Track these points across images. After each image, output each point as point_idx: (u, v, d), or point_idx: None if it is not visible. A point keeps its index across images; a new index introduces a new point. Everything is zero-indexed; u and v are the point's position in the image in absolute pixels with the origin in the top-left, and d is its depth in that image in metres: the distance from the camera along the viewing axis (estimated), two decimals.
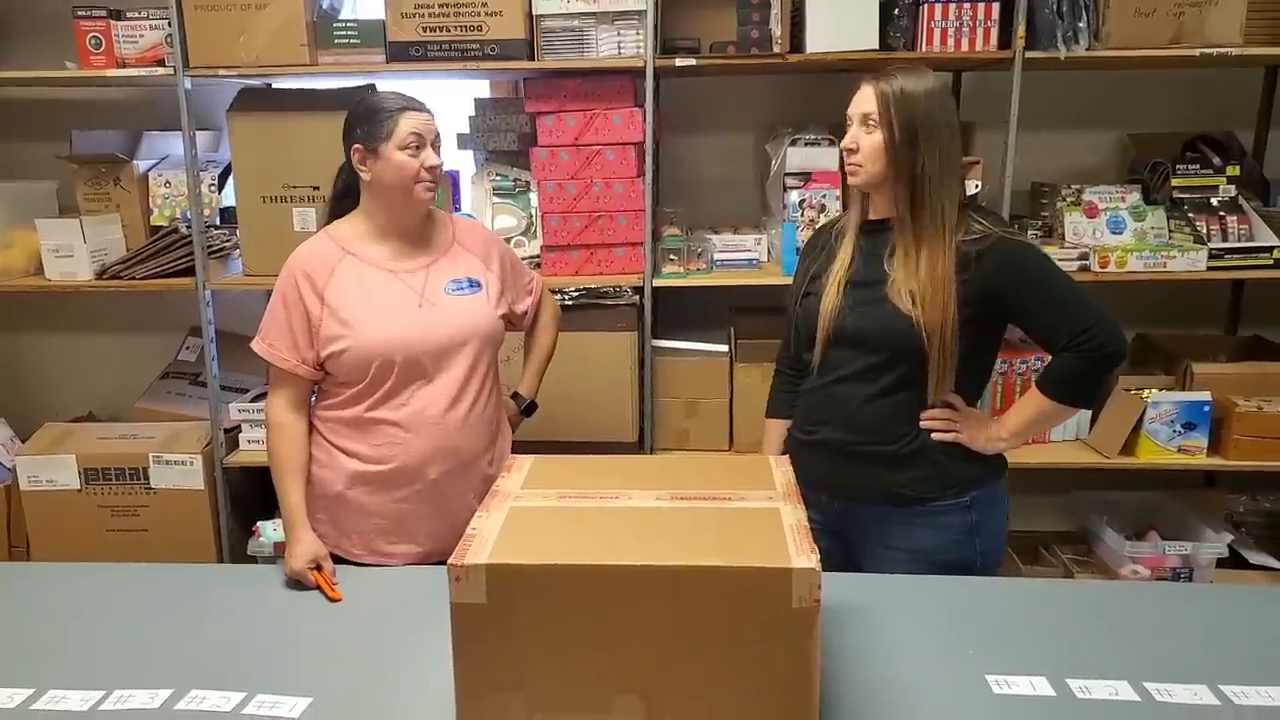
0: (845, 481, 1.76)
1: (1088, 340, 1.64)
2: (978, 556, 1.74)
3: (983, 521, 1.74)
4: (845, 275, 1.73)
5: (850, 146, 1.69)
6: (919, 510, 1.72)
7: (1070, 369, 1.68)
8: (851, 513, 1.78)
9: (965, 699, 1.30)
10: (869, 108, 1.66)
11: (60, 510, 2.66)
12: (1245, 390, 2.59)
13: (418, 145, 1.73)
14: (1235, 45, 2.42)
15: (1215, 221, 2.61)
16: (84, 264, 2.62)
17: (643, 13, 2.42)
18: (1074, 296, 1.67)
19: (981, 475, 1.74)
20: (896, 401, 1.71)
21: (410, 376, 1.76)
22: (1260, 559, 2.69)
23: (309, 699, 1.31)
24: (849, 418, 1.73)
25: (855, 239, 1.76)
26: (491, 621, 1.11)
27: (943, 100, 1.67)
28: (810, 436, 1.80)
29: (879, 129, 1.65)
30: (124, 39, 2.56)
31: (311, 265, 1.77)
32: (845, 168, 1.73)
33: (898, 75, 1.66)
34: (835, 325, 1.71)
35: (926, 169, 1.64)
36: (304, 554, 1.70)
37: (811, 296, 1.77)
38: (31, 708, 1.30)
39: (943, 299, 1.62)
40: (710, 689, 1.12)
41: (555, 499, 1.30)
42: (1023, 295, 1.67)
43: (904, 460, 1.71)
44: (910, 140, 1.63)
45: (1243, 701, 1.29)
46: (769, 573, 1.08)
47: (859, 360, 1.71)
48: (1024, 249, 1.70)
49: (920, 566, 1.70)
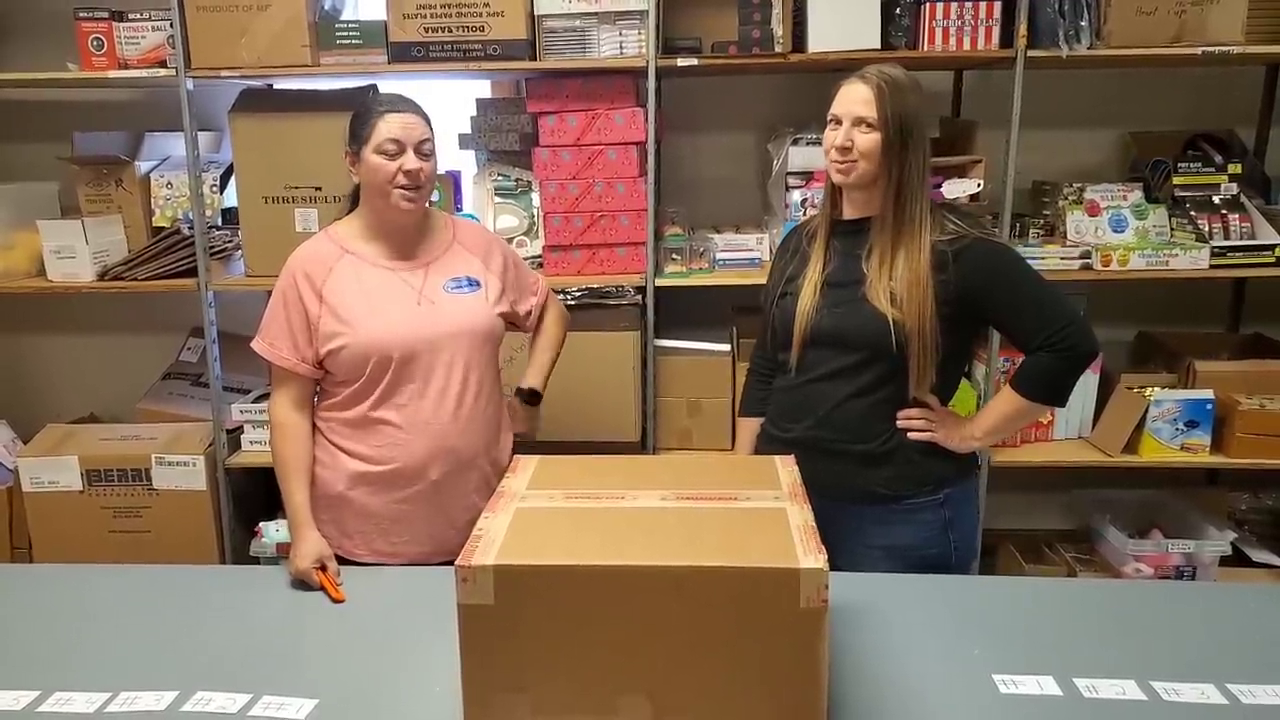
0: (821, 480, 1.74)
1: (1062, 340, 1.66)
2: (953, 553, 1.77)
3: (956, 518, 1.77)
4: (821, 276, 1.74)
5: (844, 145, 1.68)
6: (894, 508, 1.74)
7: (1045, 368, 1.70)
8: (827, 511, 1.76)
9: (972, 698, 1.30)
10: (865, 110, 1.66)
11: (63, 511, 2.66)
12: (1247, 388, 2.59)
13: (395, 150, 1.71)
14: (1237, 44, 2.42)
15: (1217, 220, 2.61)
16: (86, 265, 2.62)
17: (644, 13, 2.42)
18: (1049, 297, 1.69)
19: (955, 473, 1.77)
20: (873, 401, 1.72)
21: (408, 374, 1.76)
22: (1263, 557, 2.70)
23: (314, 700, 1.31)
24: (825, 416, 1.75)
25: (827, 239, 1.77)
26: (499, 622, 1.11)
27: (922, 99, 1.69)
28: (785, 434, 1.81)
29: (876, 129, 1.65)
30: (126, 40, 2.56)
31: (310, 264, 1.78)
32: (832, 165, 1.72)
33: (890, 75, 1.67)
34: (813, 325, 1.72)
35: (912, 168, 1.66)
36: (309, 554, 1.70)
37: (788, 297, 1.78)
38: (38, 710, 1.30)
39: (920, 298, 1.64)
40: (717, 689, 1.12)
41: (561, 499, 1.30)
42: (999, 295, 1.69)
43: (879, 458, 1.73)
44: (903, 141, 1.65)
45: (1250, 701, 1.29)
46: (777, 573, 1.08)
47: (836, 360, 1.73)
48: (1000, 250, 1.72)
49: (897, 564, 1.72)
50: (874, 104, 1.65)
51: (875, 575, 1.71)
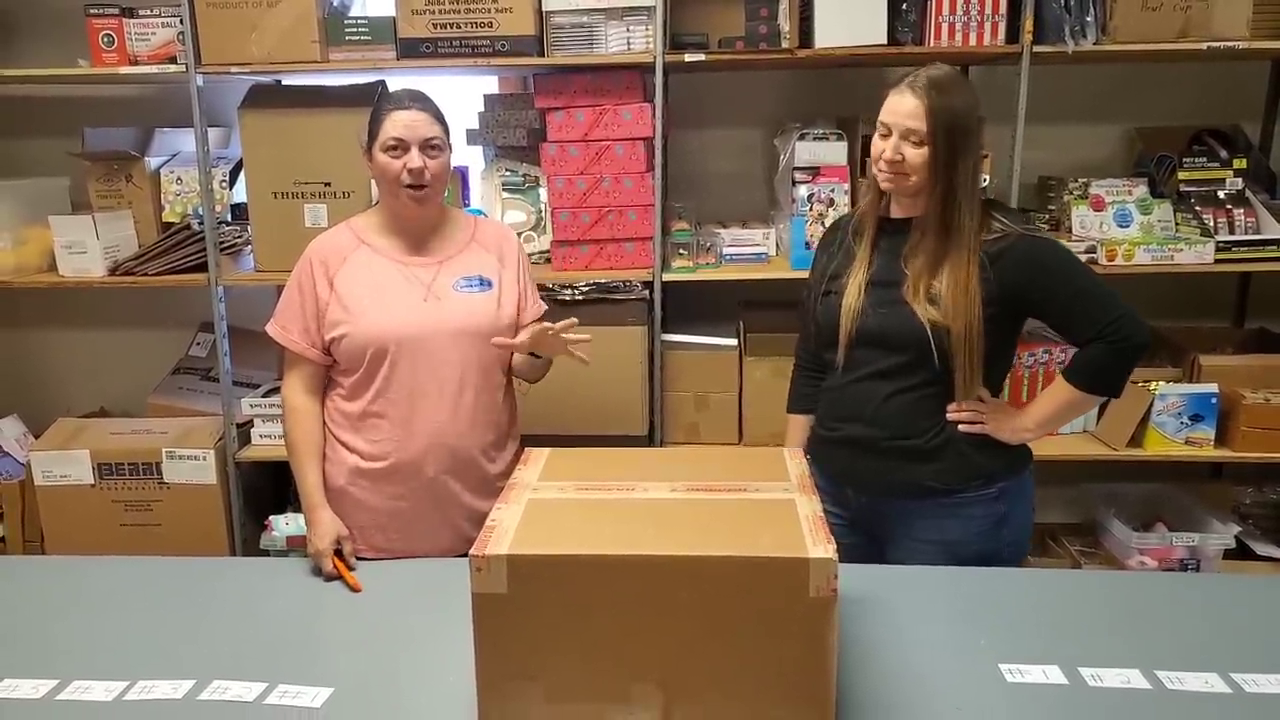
0: (872, 476, 1.77)
1: (1115, 331, 1.65)
2: (1004, 548, 1.75)
3: (1010, 513, 1.75)
4: (866, 275, 1.72)
5: (894, 158, 1.65)
6: (946, 502, 1.73)
7: (1099, 359, 1.69)
8: (878, 507, 1.79)
9: (979, 687, 1.32)
10: (914, 123, 1.62)
11: (74, 505, 2.68)
12: (1252, 382, 2.59)
13: (400, 148, 1.72)
14: (1242, 39, 2.43)
15: (1222, 214, 2.62)
16: (97, 260, 2.64)
17: (651, 9, 2.43)
18: (1099, 290, 1.68)
19: (1007, 466, 1.76)
20: (921, 396, 1.71)
21: (406, 369, 1.77)
22: (1267, 550, 2.70)
23: (330, 689, 1.33)
24: (873, 414, 1.74)
25: (874, 237, 1.75)
26: (512, 611, 1.12)
27: (975, 103, 1.67)
28: (834, 433, 1.80)
29: (926, 143, 1.63)
30: (136, 36, 2.57)
31: (327, 253, 1.81)
32: (880, 174, 1.69)
33: (940, 83, 1.63)
34: (858, 326, 1.71)
35: (962, 175, 1.64)
36: (325, 534, 1.72)
37: (832, 295, 1.77)
38: (57, 698, 1.32)
39: (966, 303, 1.63)
40: (728, 678, 1.13)
41: (572, 491, 1.31)
42: (1047, 292, 1.67)
43: (930, 453, 1.72)
44: (952, 151, 1.63)
45: (1253, 689, 1.30)
46: (786, 562, 1.10)
47: (883, 360, 1.72)
48: (1044, 246, 1.70)
49: (947, 559, 1.72)
50: (923, 118, 1.62)
51: (883, 566, 1.73)
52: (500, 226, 2.02)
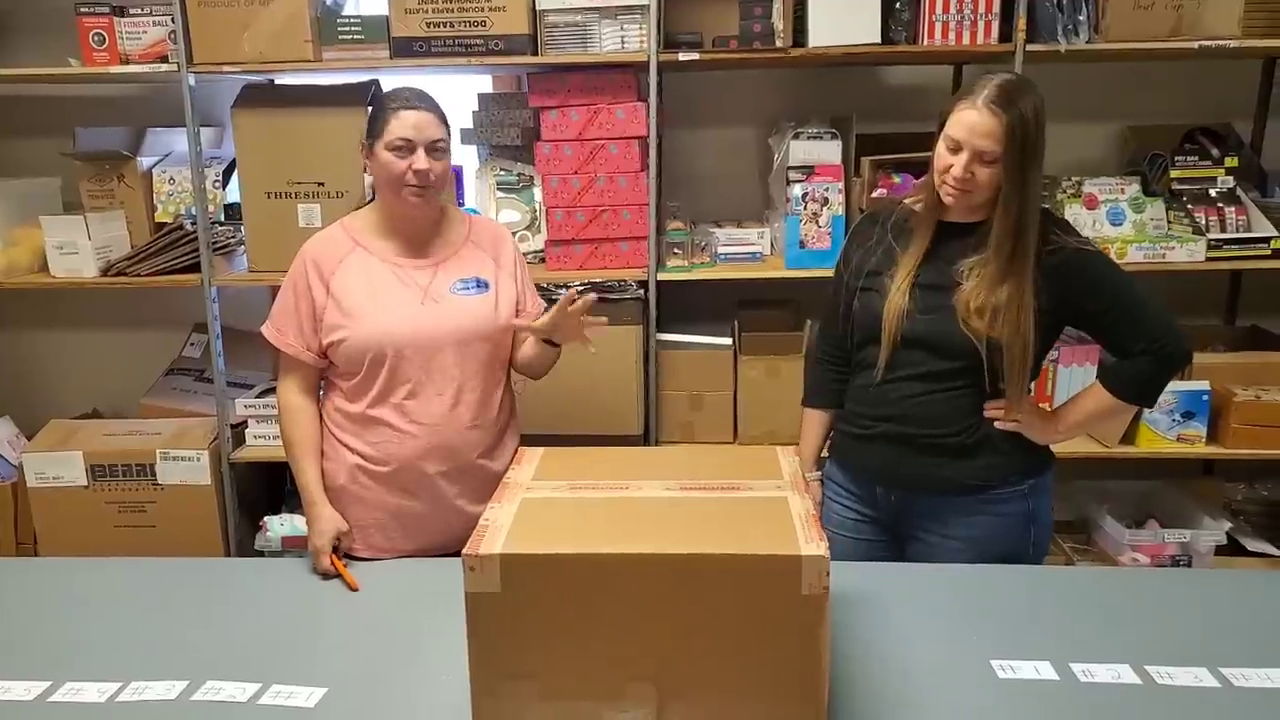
0: (908, 472, 1.76)
1: (1161, 348, 1.66)
2: (1030, 545, 1.76)
3: (1038, 510, 1.76)
4: (912, 277, 1.69)
5: (964, 177, 1.60)
6: (982, 498, 1.73)
7: (1141, 371, 1.70)
8: (910, 504, 1.78)
9: (970, 683, 1.33)
10: (990, 145, 1.57)
11: (68, 507, 2.67)
12: (1243, 379, 2.61)
13: (406, 148, 1.71)
14: (1233, 38, 2.43)
15: (1214, 213, 2.63)
16: (89, 261, 2.63)
17: (645, 7, 2.43)
18: (1149, 302, 1.68)
19: (1038, 464, 1.77)
20: (962, 394, 1.71)
21: (405, 373, 1.77)
22: (1258, 546, 2.71)
23: (324, 689, 1.33)
24: (913, 411, 1.72)
25: (930, 241, 1.71)
26: (506, 610, 1.13)
27: (1042, 110, 1.61)
28: (870, 430, 1.78)
29: (998, 165, 1.58)
30: (127, 35, 2.56)
31: (321, 255, 1.80)
32: (945, 188, 1.64)
33: (1014, 96, 1.57)
34: (904, 329, 1.69)
35: (1033, 189, 1.61)
36: (326, 530, 1.72)
37: (872, 294, 1.73)
38: (49, 700, 1.32)
39: (1021, 318, 1.61)
40: (721, 675, 1.14)
41: (566, 490, 1.31)
42: (1095, 306, 1.67)
43: (970, 450, 1.72)
44: (1025, 169, 1.59)
45: (1242, 683, 1.31)
46: (779, 560, 1.10)
47: (927, 364, 1.70)
48: (1098, 259, 1.68)
49: (973, 556, 1.72)
50: (1000, 140, 1.56)
51: (877, 564, 1.74)
52: (495, 226, 2.02)
